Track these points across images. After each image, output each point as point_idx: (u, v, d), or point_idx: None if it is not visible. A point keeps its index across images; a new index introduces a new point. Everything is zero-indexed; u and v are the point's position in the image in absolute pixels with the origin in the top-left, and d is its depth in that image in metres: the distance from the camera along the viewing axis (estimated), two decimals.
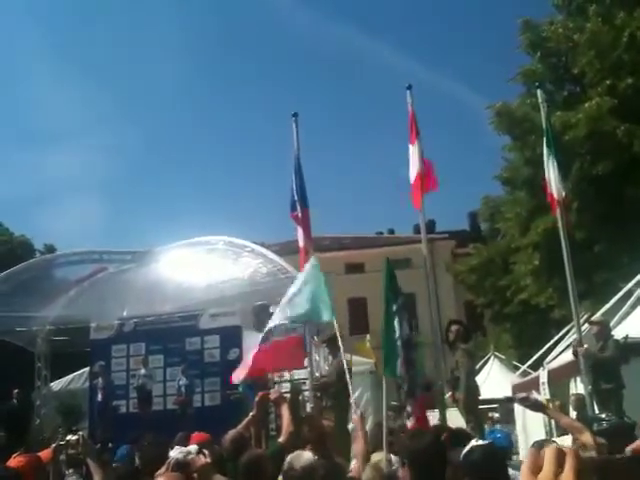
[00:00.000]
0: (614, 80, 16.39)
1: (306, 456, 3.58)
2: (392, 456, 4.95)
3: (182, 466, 3.32)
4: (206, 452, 3.39)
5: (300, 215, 9.25)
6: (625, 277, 13.00)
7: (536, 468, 1.04)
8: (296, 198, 9.30)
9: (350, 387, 7.61)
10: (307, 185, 9.48)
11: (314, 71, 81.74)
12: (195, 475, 3.31)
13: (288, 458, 3.64)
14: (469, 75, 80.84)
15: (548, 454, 1.02)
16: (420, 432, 3.51)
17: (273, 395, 5.40)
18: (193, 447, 4.59)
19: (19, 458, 4.59)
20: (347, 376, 7.95)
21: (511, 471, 4.04)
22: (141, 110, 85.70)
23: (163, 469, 3.36)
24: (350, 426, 8.53)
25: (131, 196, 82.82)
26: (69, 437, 4.35)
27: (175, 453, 4.20)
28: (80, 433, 4.46)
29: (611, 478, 0.96)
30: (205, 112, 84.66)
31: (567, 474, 1.00)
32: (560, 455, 1.03)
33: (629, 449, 4.17)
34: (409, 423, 5.57)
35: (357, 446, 4.54)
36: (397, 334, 5.74)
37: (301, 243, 9.30)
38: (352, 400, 6.52)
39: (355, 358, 15.05)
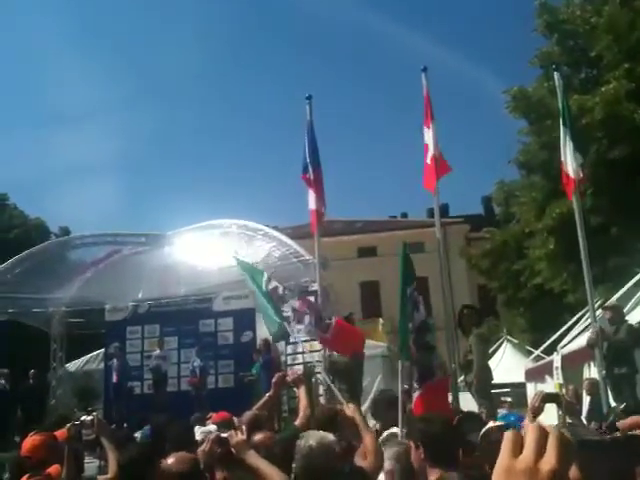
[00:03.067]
0: (632, 64, 16.18)
1: (320, 434, 3.58)
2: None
3: (223, 442, 3.38)
4: (243, 428, 3.45)
5: (312, 176, 9.22)
6: None
7: (517, 451, 0.96)
8: (308, 160, 9.27)
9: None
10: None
11: (330, 53, 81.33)
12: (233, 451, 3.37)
13: (302, 436, 3.65)
14: (486, 58, 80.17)
15: (530, 434, 0.95)
16: (433, 415, 3.51)
17: (291, 376, 5.38)
18: (212, 427, 4.63)
19: (35, 437, 4.66)
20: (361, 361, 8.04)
21: None
22: (157, 95, 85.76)
23: (203, 446, 3.43)
24: (363, 408, 8.58)
25: (145, 180, 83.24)
26: (84, 417, 4.40)
27: (197, 433, 4.25)
28: (94, 413, 4.51)
29: (593, 460, 0.92)
30: (220, 97, 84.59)
31: (549, 456, 0.93)
32: (543, 435, 0.95)
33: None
34: (414, 398, 5.51)
35: (366, 440, 4.41)
36: (410, 318, 5.73)
37: (312, 205, 9.27)
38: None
39: (367, 342, 15.09)
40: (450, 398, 7.44)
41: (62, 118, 75.29)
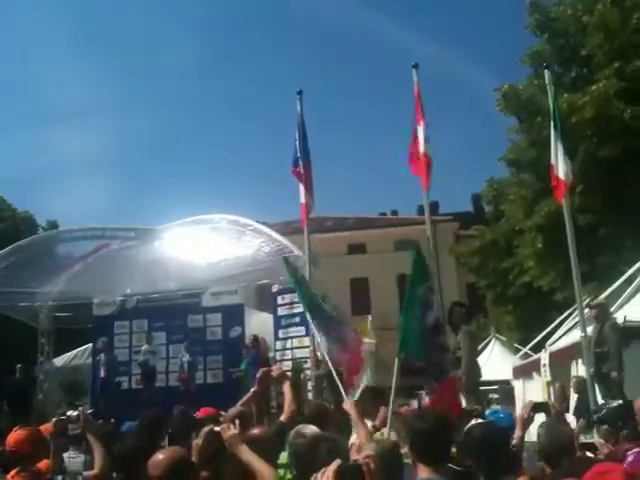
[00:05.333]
0: (622, 62, 16.22)
1: (312, 427, 3.61)
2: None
3: (216, 436, 3.41)
4: (237, 422, 3.45)
5: (302, 170, 9.24)
6: (628, 261, 12.97)
7: None
8: (299, 154, 9.29)
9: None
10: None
11: (324, 51, 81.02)
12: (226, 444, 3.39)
13: (294, 429, 3.67)
14: (478, 55, 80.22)
15: None
16: (427, 412, 3.51)
17: (275, 372, 5.36)
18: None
19: (20, 431, 4.62)
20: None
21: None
22: (148, 91, 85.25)
23: (197, 440, 3.44)
24: None
25: (134, 174, 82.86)
26: (69, 412, 4.39)
27: None
28: (80, 408, 4.49)
29: None
30: (212, 92, 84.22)
31: None
32: None
33: None
34: (429, 399, 5.52)
35: (360, 435, 4.48)
36: (421, 318, 5.65)
37: (302, 200, 9.30)
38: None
39: None
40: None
41: (54, 114, 74.94)
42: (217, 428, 3.48)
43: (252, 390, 5.11)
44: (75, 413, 4.30)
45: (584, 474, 3.04)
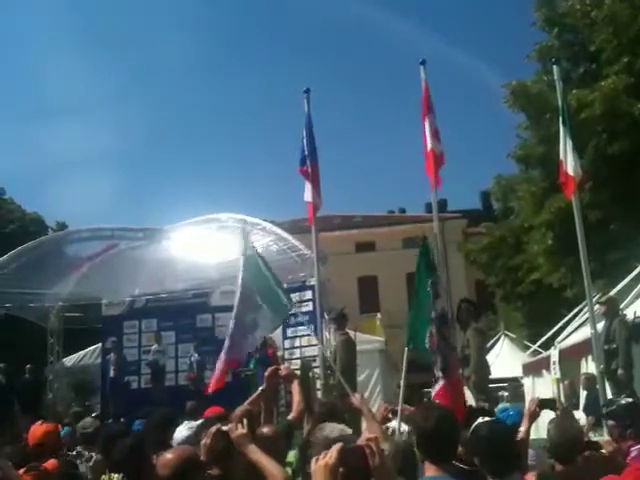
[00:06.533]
0: (631, 57, 16.13)
1: (338, 426, 3.60)
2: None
3: (224, 435, 3.39)
4: (245, 422, 3.43)
5: (309, 170, 9.22)
6: (639, 257, 12.90)
7: None
8: (306, 153, 9.27)
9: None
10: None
11: (327, 47, 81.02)
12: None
13: (321, 429, 3.64)
14: (486, 52, 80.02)
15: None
16: (432, 410, 3.47)
17: (284, 371, 5.34)
18: (200, 422, 4.62)
19: (46, 424, 4.70)
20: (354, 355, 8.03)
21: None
22: (155, 87, 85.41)
23: (204, 440, 3.43)
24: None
25: (142, 174, 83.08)
26: (80, 449, 4.44)
27: (184, 428, 4.23)
28: (97, 456, 4.50)
29: None
30: (217, 90, 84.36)
31: None
32: None
33: None
34: (437, 388, 5.55)
35: (373, 429, 4.45)
36: (430, 309, 5.69)
37: (309, 198, 9.27)
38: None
39: (365, 336, 15.09)
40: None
41: (59, 111, 75.07)
42: (225, 427, 3.47)
43: (260, 389, 5.11)
44: (88, 454, 4.38)
45: (599, 471, 3.02)
